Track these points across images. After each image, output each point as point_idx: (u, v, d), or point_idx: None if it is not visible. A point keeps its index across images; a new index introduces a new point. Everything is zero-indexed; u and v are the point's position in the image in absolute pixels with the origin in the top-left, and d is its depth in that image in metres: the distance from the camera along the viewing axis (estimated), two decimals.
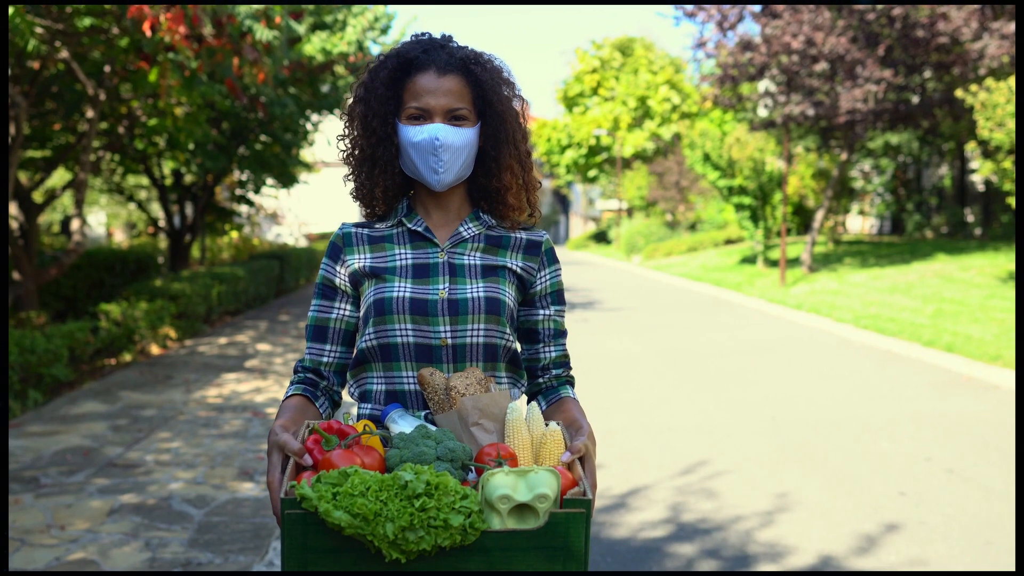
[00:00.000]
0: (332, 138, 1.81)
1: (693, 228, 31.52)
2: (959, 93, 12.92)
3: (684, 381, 7.96)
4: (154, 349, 9.50)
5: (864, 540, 4.01)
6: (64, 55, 7.94)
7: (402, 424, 1.53)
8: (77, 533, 4.01)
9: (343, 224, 1.77)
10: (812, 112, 16.29)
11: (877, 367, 8.63)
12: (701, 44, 17.70)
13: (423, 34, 1.72)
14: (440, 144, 1.64)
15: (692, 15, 17.58)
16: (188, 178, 15.59)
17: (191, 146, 12.09)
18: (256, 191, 16.36)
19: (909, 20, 14.98)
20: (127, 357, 8.88)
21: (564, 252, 39.71)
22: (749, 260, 22.00)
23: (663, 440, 5.81)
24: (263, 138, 14.20)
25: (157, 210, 20.15)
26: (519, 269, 1.73)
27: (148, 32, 6.06)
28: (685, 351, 9.70)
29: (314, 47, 11.94)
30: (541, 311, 1.76)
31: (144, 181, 17.78)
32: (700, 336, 10.94)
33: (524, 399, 1.80)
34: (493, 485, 1.28)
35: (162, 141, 12.43)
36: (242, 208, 18.93)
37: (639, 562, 3.77)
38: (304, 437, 1.46)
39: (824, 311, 12.65)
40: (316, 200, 30.05)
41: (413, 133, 1.65)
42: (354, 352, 1.72)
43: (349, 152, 1.75)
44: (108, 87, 9.12)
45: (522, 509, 1.30)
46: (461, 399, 1.52)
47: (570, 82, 41.57)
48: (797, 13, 15.77)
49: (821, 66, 15.79)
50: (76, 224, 9.11)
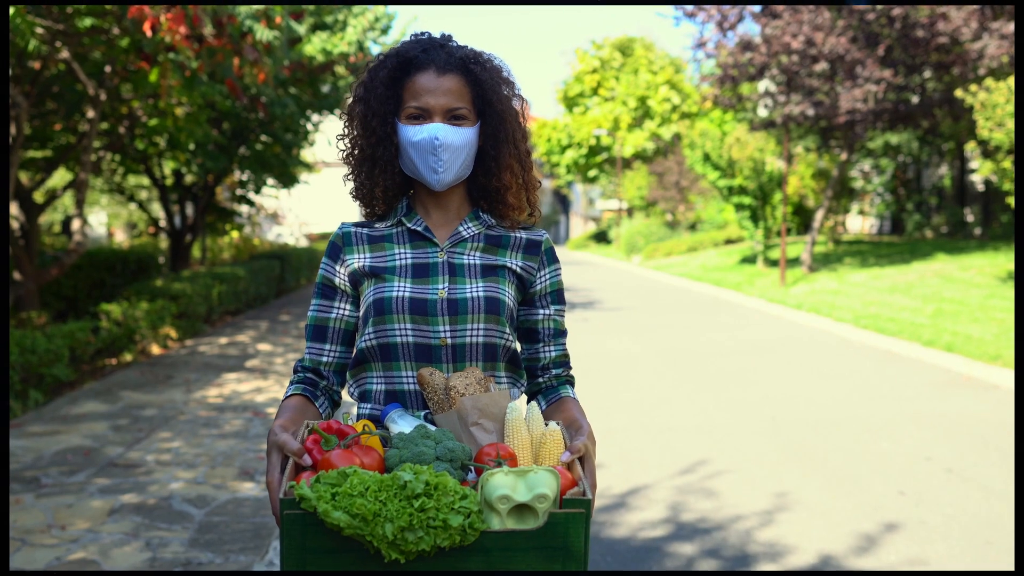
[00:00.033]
0: (332, 138, 1.80)
1: (693, 228, 31.53)
2: (959, 93, 12.92)
3: (684, 381, 7.96)
4: (155, 349, 9.51)
5: (864, 540, 4.02)
6: (65, 55, 7.95)
7: (401, 424, 1.53)
8: (78, 533, 4.01)
9: (343, 224, 1.77)
10: (812, 112, 16.29)
11: (877, 367, 8.63)
12: (701, 44, 17.70)
13: (423, 34, 1.72)
14: (440, 144, 1.63)
15: (692, 15, 17.58)
16: (189, 178, 15.59)
17: (192, 146, 12.10)
18: (257, 191, 16.37)
19: (909, 20, 14.98)
20: (128, 357, 8.88)
21: (564, 252, 39.70)
22: (749, 260, 22.00)
23: (663, 440, 5.82)
24: (264, 138, 14.21)
25: (158, 210, 20.16)
26: (519, 269, 1.73)
27: (149, 32, 6.07)
28: (685, 351, 9.70)
29: (314, 47, 11.94)
30: (541, 311, 1.76)
31: (145, 181, 17.79)
32: (700, 336, 10.94)
33: (524, 399, 1.79)
34: (492, 485, 1.28)
35: (163, 141, 12.44)
36: (243, 208, 18.94)
37: (639, 562, 3.77)
38: (303, 437, 1.46)
39: (824, 311, 12.65)
40: (317, 200, 30.07)
41: (413, 133, 1.65)
42: (354, 352, 1.72)
43: (349, 152, 1.74)
44: (109, 87, 9.12)
45: (521, 509, 1.29)
46: (461, 399, 1.52)
47: (570, 82, 41.58)
48: (797, 13, 15.77)
49: (821, 66, 15.79)
50: (77, 224, 9.12)
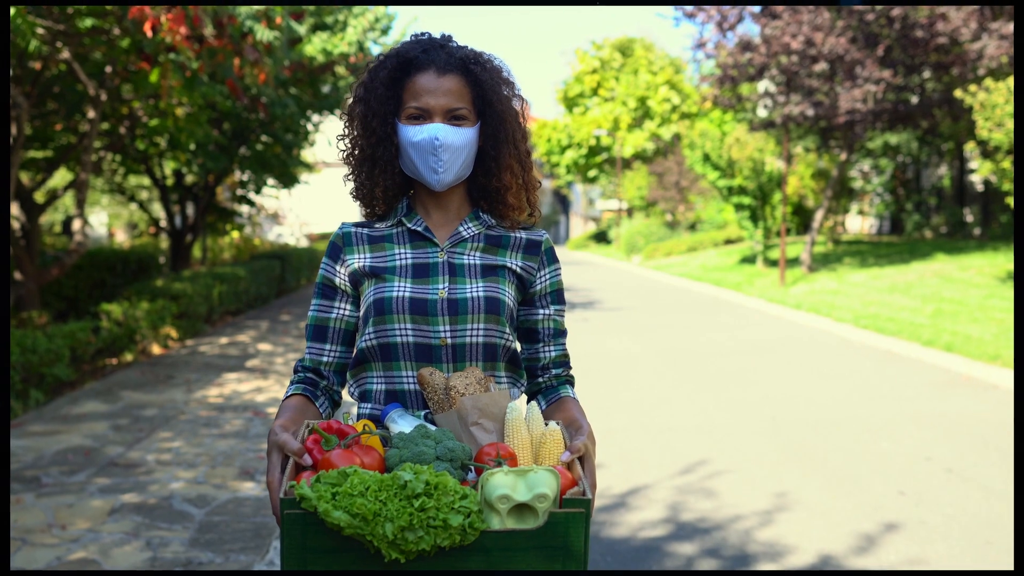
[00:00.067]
0: (333, 138, 1.81)
1: (693, 228, 31.52)
2: (958, 93, 12.92)
3: (684, 381, 7.96)
4: (155, 349, 9.51)
5: (864, 540, 4.02)
6: (65, 56, 7.95)
7: (402, 424, 1.53)
8: (78, 533, 4.02)
9: (343, 224, 1.77)
10: (811, 112, 16.29)
11: (877, 367, 8.63)
12: (701, 45, 17.70)
13: (423, 34, 1.72)
14: (440, 144, 1.63)
15: (692, 16, 17.58)
16: (189, 178, 15.60)
17: (192, 146, 12.10)
18: (257, 191, 16.37)
19: (908, 20, 14.98)
20: (128, 357, 8.88)
21: (564, 252, 39.70)
22: (749, 260, 22.00)
23: (663, 440, 5.82)
24: (264, 138, 14.21)
25: (158, 210, 20.17)
26: (519, 269, 1.73)
27: (149, 33, 6.07)
28: (685, 351, 9.70)
29: (315, 48, 11.94)
30: (541, 310, 1.76)
31: (145, 181, 17.80)
32: (700, 336, 10.94)
33: (524, 399, 1.80)
34: (492, 485, 1.28)
35: (163, 141, 12.44)
36: (243, 208, 18.94)
37: (639, 561, 3.77)
38: (304, 437, 1.46)
39: (824, 311, 12.65)
40: (317, 200, 30.08)
41: (413, 133, 1.65)
42: (354, 352, 1.72)
43: (349, 152, 1.74)
44: (109, 87, 9.13)
45: (521, 509, 1.29)
46: (461, 399, 1.52)
47: (570, 82, 41.58)
48: (796, 14, 15.77)
49: (820, 66, 15.80)
50: (78, 224, 9.12)
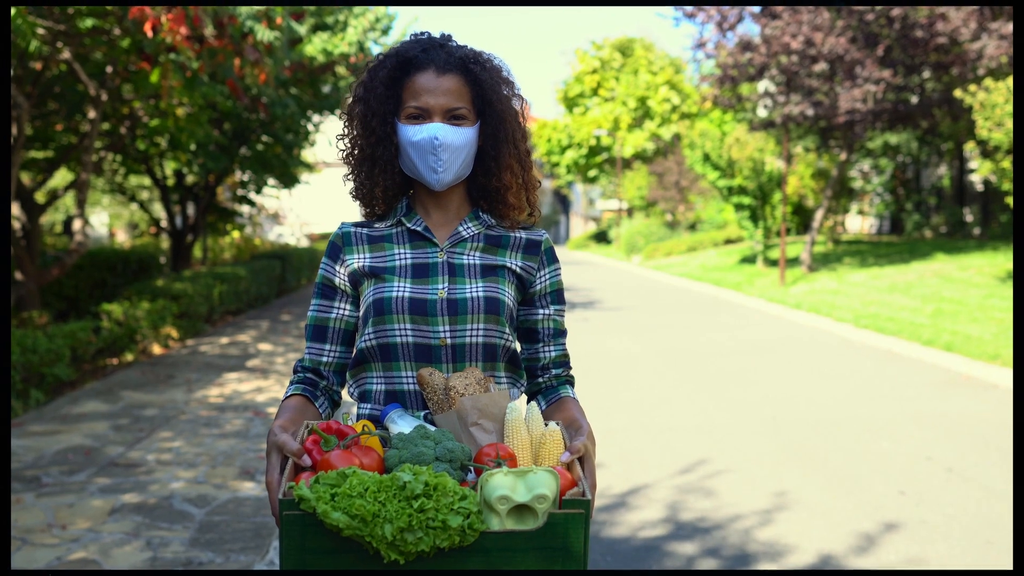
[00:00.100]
0: (333, 138, 1.81)
1: (693, 228, 31.53)
2: (958, 93, 12.92)
3: (684, 381, 7.96)
4: (156, 349, 9.51)
5: (864, 539, 4.02)
6: (66, 56, 7.95)
7: (401, 424, 1.53)
8: (78, 532, 4.02)
9: (342, 224, 1.77)
10: (811, 112, 16.29)
11: (877, 367, 8.63)
12: (701, 45, 17.70)
13: (422, 33, 1.72)
14: (439, 143, 1.63)
15: (692, 16, 17.58)
16: (190, 178, 15.60)
17: (193, 146, 12.11)
18: (258, 191, 16.38)
19: (908, 20, 14.98)
20: (129, 357, 8.89)
21: (564, 252, 39.71)
22: (749, 260, 22.00)
23: (663, 440, 5.82)
24: (264, 138, 14.21)
25: (159, 210, 20.19)
26: (519, 268, 1.73)
27: (150, 33, 6.08)
28: (685, 351, 9.70)
29: (315, 48, 11.94)
30: (541, 310, 1.75)
31: (146, 181, 17.81)
32: (700, 336, 10.94)
33: (523, 399, 1.79)
34: (492, 486, 1.28)
35: (164, 141, 12.45)
36: (244, 208, 18.95)
37: (639, 561, 3.77)
38: (303, 437, 1.46)
39: (824, 311, 12.65)
40: (317, 200, 30.09)
41: (412, 132, 1.65)
42: (354, 352, 1.72)
43: (349, 152, 1.74)
44: (110, 88, 9.13)
45: (521, 510, 1.29)
46: (460, 399, 1.52)
47: (570, 83, 41.58)
48: (796, 14, 15.77)
49: (820, 66, 15.79)
50: (78, 224, 9.12)
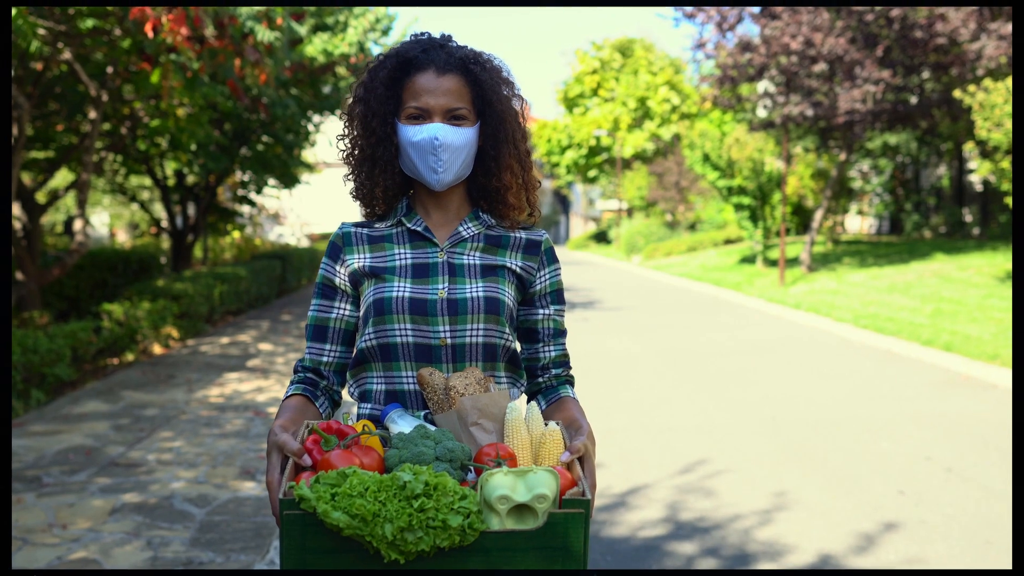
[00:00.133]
0: (333, 139, 1.81)
1: (693, 228, 31.53)
2: (957, 93, 12.93)
3: (684, 381, 7.97)
4: (156, 349, 9.52)
5: (863, 539, 4.03)
6: (67, 56, 7.96)
7: (401, 424, 1.53)
8: (79, 532, 4.02)
9: (343, 224, 1.77)
10: (811, 112, 16.30)
11: (876, 367, 8.64)
12: (700, 45, 17.70)
13: (422, 34, 1.72)
14: (439, 144, 1.64)
15: (691, 16, 17.58)
16: (190, 179, 15.60)
17: (193, 147, 12.11)
18: (258, 191, 16.38)
19: (907, 21, 14.98)
20: (129, 357, 8.89)
21: (564, 252, 39.70)
22: (748, 260, 22.00)
23: (663, 440, 5.83)
24: (265, 139, 14.22)
25: (160, 210, 20.21)
26: (519, 269, 1.73)
27: (150, 33, 6.08)
28: (685, 351, 9.71)
29: (315, 48, 11.95)
30: (541, 310, 1.76)
31: (147, 182, 17.81)
32: (700, 336, 10.95)
33: (523, 399, 1.80)
34: (492, 485, 1.28)
35: (164, 142, 12.45)
36: (244, 208, 18.95)
37: (639, 560, 3.78)
38: (303, 437, 1.46)
39: (823, 311, 12.66)
40: (318, 200, 30.09)
41: (412, 133, 1.65)
42: (354, 352, 1.72)
43: (349, 152, 1.74)
44: (110, 88, 9.13)
45: (521, 509, 1.30)
46: (460, 399, 1.52)
47: (570, 83, 41.59)
48: (796, 14, 15.78)
49: (820, 67, 15.80)
50: (79, 224, 9.13)
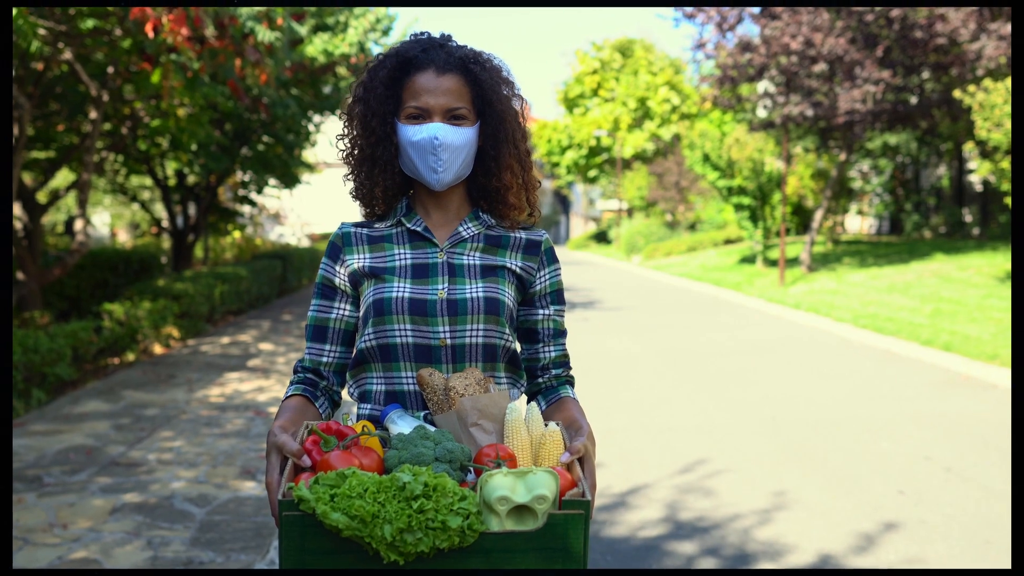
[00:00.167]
0: (333, 139, 1.81)
1: (693, 228, 31.53)
2: (957, 94, 12.93)
3: (684, 381, 7.97)
4: (157, 348, 9.52)
5: (863, 539, 4.03)
6: (67, 56, 7.96)
7: (401, 425, 1.53)
8: (79, 532, 4.03)
9: (342, 224, 1.77)
10: (811, 113, 16.30)
11: (876, 367, 8.64)
12: (700, 45, 17.70)
13: (422, 34, 1.72)
14: (439, 143, 1.63)
15: (691, 16, 17.58)
16: (191, 179, 15.61)
17: (194, 147, 12.11)
18: (259, 191, 16.39)
19: (907, 21, 14.98)
20: (130, 356, 8.89)
21: (564, 252, 39.70)
22: (748, 260, 22.00)
23: (663, 440, 5.83)
24: (265, 139, 14.22)
25: (160, 210, 20.22)
26: (518, 269, 1.73)
27: (151, 33, 6.09)
28: (685, 351, 9.71)
29: (316, 48, 11.95)
30: (541, 311, 1.76)
31: (147, 182, 17.82)
32: (700, 336, 10.95)
33: (523, 399, 1.79)
34: (492, 486, 1.28)
35: (165, 142, 12.45)
36: (245, 208, 18.96)
37: (639, 560, 3.78)
38: (303, 438, 1.46)
39: (823, 311, 12.66)
40: (318, 200, 30.09)
41: (412, 132, 1.65)
42: (354, 352, 1.72)
43: (348, 152, 1.74)
44: (111, 88, 9.14)
45: (521, 510, 1.30)
46: (460, 400, 1.52)
47: (570, 83, 41.60)
48: (796, 14, 15.78)
49: (820, 67, 15.80)
50: (80, 224, 9.13)
